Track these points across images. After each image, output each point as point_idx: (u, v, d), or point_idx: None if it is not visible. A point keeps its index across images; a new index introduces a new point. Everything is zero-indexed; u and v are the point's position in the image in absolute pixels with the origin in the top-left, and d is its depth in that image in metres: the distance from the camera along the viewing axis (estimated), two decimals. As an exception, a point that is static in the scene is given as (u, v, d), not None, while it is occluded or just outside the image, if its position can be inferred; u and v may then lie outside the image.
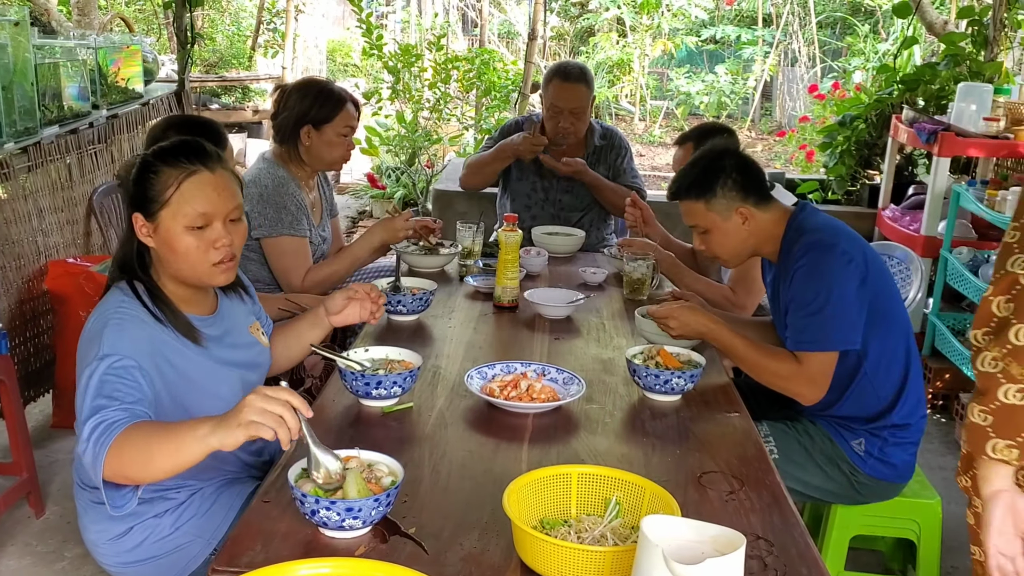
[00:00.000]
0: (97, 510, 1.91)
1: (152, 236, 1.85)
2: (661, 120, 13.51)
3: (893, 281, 2.41)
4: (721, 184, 2.34)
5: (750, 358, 2.29)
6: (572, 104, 3.68)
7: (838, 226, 2.35)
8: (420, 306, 2.69)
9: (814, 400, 2.26)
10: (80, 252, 4.07)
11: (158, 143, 1.92)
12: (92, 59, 4.37)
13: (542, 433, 2.00)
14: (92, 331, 1.77)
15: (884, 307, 2.31)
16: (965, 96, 4.53)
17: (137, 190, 1.84)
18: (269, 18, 11.81)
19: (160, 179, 1.82)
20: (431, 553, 1.51)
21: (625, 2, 13.40)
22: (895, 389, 2.34)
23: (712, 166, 2.36)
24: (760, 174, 2.40)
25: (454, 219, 3.63)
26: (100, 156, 4.31)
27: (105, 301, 1.84)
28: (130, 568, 1.92)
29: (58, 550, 2.93)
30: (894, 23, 11.12)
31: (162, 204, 1.82)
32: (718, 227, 2.37)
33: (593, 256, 3.58)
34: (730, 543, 1.25)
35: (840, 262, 2.22)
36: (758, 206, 2.36)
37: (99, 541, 1.93)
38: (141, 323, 1.80)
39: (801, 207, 2.39)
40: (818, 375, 2.23)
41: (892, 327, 2.33)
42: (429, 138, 7.64)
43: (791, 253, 2.30)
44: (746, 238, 2.38)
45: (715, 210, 2.35)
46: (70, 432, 3.63)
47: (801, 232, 2.31)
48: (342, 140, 3.07)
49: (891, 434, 2.34)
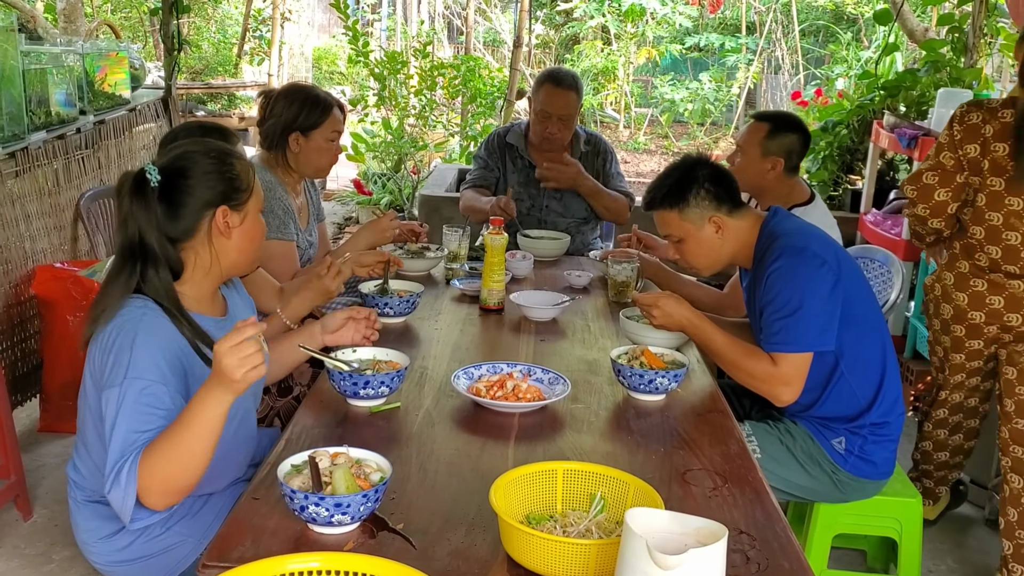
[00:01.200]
0: (90, 508, 1.93)
1: (235, 228, 1.89)
2: (646, 127, 13.57)
3: (866, 282, 2.44)
4: (694, 194, 2.36)
5: (728, 356, 2.32)
6: (561, 110, 3.71)
7: (809, 230, 2.39)
8: (407, 308, 2.71)
9: (788, 401, 2.29)
10: (67, 257, 4.07)
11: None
12: (79, 65, 4.38)
13: (528, 432, 2.03)
14: (117, 345, 1.73)
15: (858, 308, 2.34)
16: (945, 102, 4.58)
17: (227, 185, 1.87)
18: (255, 26, 11.83)
19: (243, 170, 1.90)
20: (419, 548, 1.53)
21: (610, 10, 13.46)
22: (873, 388, 2.37)
23: (684, 177, 2.39)
24: (733, 183, 2.43)
25: (440, 224, 3.66)
26: (87, 161, 4.32)
27: (126, 312, 1.77)
28: (121, 567, 1.93)
29: (46, 552, 2.93)
30: (876, 31, 11.23)
31: (251, 192, 1.92)
32: (692, 236, 2.40)
33: (578, 259, 3.61)
34: (712, 535, 1.28)
35: (812, 265, 2.26)
36: (731, 214, 2.39)
37: (91, 540, 1.94)
38: (167, 336, 1.79)
39: (773, 212, 2.42)
40: (792, 377, 2.26)
41: (867, 327, 2.37)
42: (415, 144, 7.66)
43: (764, 258, 2.33)
44: (720, 246, 2.40)
45: (688, 219, 2.38)
46: (57, 436, 3.64)
47: (773, 237, 2.34)
48: (329, 146, 3.08)
49: (871, 432, 2.38)
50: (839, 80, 10.94)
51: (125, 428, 1.66)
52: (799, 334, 2.23)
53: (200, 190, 1.86)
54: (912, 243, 4.27)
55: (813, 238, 2.34)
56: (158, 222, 1.81)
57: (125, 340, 1.73)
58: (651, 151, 12.66)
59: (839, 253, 2.36)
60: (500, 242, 2.80)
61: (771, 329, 2.27)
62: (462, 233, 3.30)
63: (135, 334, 1.73)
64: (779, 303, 2.25)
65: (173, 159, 1.88)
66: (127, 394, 1.68)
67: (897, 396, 2.42)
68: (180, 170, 1.85)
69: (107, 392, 1.70)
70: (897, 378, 2.43)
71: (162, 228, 1.82)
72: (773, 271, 2.28)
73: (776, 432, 2.45)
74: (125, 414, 1.67)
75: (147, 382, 1.69)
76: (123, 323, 1.75)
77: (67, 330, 3.59)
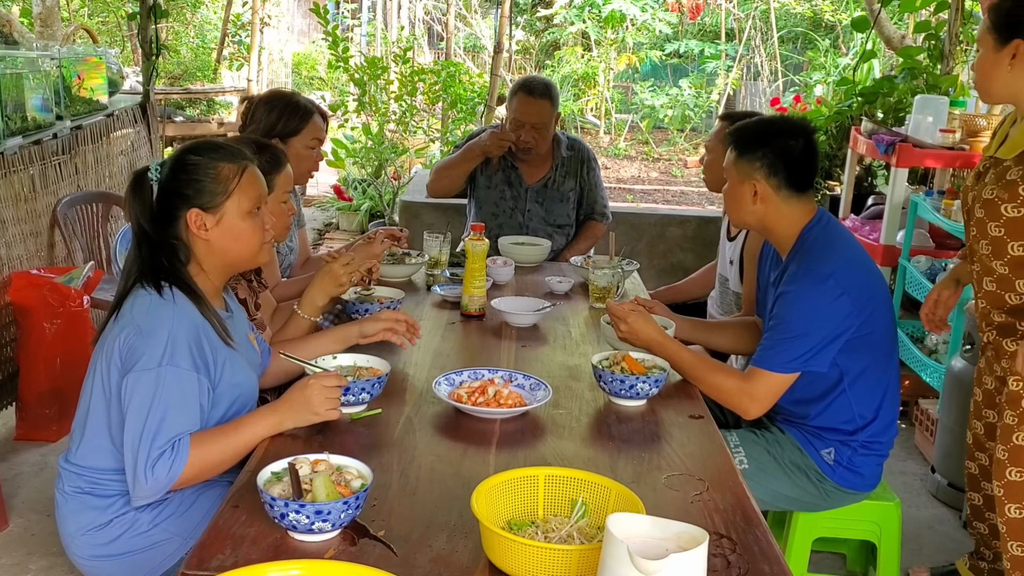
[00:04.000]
0: (79, 500, 1.94)
1: (212, 229, 1.97)
2: (626, 133, 13.61)
3: (892, 312, 2.42)
4: (753, 151, 2.33)
5: (694, 372, 2.34)
6: (534, 119, 3.73)
7: (843, 251, 2.33)
8: (388, 315, 2.70)
9: (755, 415, 2.31)
10: (44, 264, 4.03)
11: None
12: (56, 70, 4.35)
13: (509, 438, 2.02)
14: (149, 329, 1.84)
15: (876, 336, 2.33)
16: (922, 108, 4.62)
17: (195, 188, 1.96)
18: (234, 31, 11.77)
19: (222, 173, 1.97)
20: (400, 555, 1.53)
21: (590, 16, 13.49)
22: (872, 409, 2.38)
23: (764, 134, 2.35)
24: (808, 169, 2.36)
25: (421, 230, 3.65)
26: (64, 167, 4.29)
27: (154, 298, 1.89)
28: (104, 562, 1.93)
29: (22, 563, 2.90)
30: (854, 38, 11.31)
31: (228, 195, 1.97)
32: (732, 183, 2.40)
33: (559, 265, 3.62)
34: (693, 539, 1.28)
35: (830, 296, 2.23)
36: (779, 193, 2.34)
37: (76, 533, 1.95)
38: (196, 321, 1.91)
39: (818, 218, 2.37)
40: (762, 394, 2.27)
41: (880, 354, 2.37)
42: (395, 150, 7.64)
43: (791, 267, 2.32)
44: (751, 211, 2.37)
45: (737, 167, 2.37)
46: (34, 445, 3.60)
47: (808, 252, 2.31)
48: (310, 153, 3.07)
49: (861, 445, 2.39)
50: (817, 87, 11.02)
51: (169, 413, 1.79)
52: (789, 357, 2.24)
53: (176, 190, 1.97)
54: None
55: (840, 263, 2.29)
56: (150, 213, 1.95)
57: (159, 324, 1.85)
58: (631, 157, 12.69)
59: (870, 279, 2.35)
60: (481, 248, 2.79)
61: (766, 344, 2.29)
62: (443, 239, 3.30)
63: (169, 320, 1.86)
64: (785, 324, 2.26)
65: (172, 156, 2.01)
66: (167, 379, 1.81)
67: (894, 417, 2.43)
68: (169, 167, 1.98)
69: (139, 375, 1.80)
70: (897, 400, 2.44)
71: (154, 218, 1.96)
72: (790, 291, 2.28)
73: (763, 442, 2.46)
74: (165, 399, 1.79)
75: (184, 369, 1.83)
76: (152, 307, 1.88)
77: (43, 338, 3.56)
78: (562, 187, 3.90)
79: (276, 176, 2.49)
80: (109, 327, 1.92)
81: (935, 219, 4.12)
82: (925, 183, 5.19)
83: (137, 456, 1.77)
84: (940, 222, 4.06)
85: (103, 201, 4.51)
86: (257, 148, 2.44)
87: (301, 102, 3.08)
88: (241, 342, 2.08)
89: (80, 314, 3.61)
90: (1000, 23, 2.40)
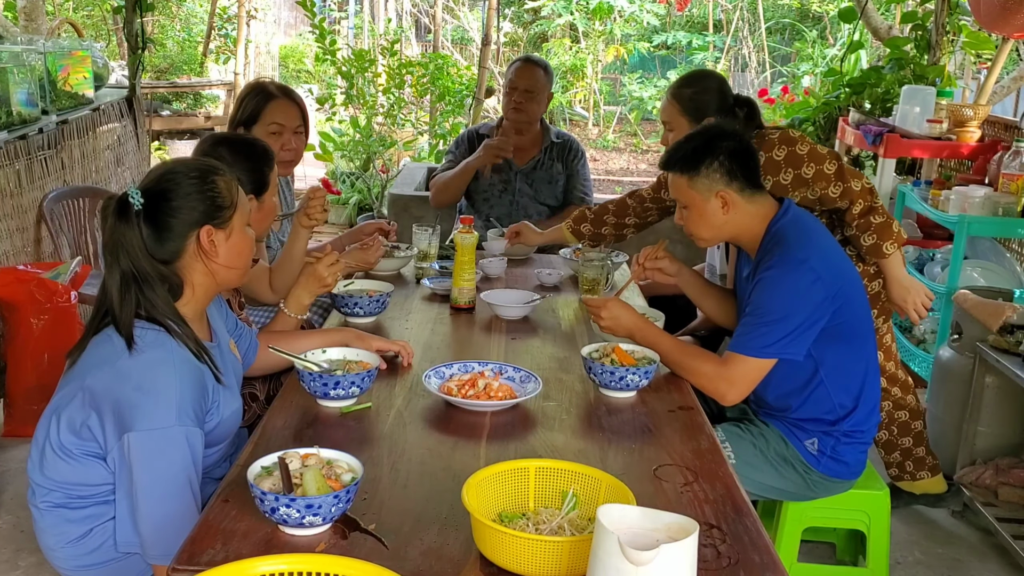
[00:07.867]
0: (55, 514, 1.89)
1: (221, 245, 1.87)
2: (615, 125, 13.60)
3: (865, 298, 2.42)
4: (707, 164, 2.29)
5: (674, 358, 2.35)
6: (526, 83, 3.90)
7: (814, 239, 2.33)
8: (377, 308, 2.70)
9: (733, 401, 2.31)
10: (30, 259, 4.02)
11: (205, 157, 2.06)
12: (41, 64, 4.32)
13: (500, 430, 2.02)
14: (151, 386, 1.73)
15: (850, 324, 2.33)
16: (909, 99, 4.64)
17: (208, 204, 1.85)
18: (221, 24, 11.70)
19: (226, 187, 1.89)
20: (391, 548, 1.53)
21: (578, 8, 13.47)
22: (852, 398, 2.38)
23: (704, 146, 2.32)
24: (755, 164, 2.36)
25: (410, 223, 3.65)
26: (50, 162, 4.26)
27: (150, 347, 1.77)
28: (88, 571, 1.90)
29: (12, 559, 2.89)
30: (841, 29, 11.31)
31: (235, 208, 1.90)
32: (696, 206, 2.34)
33: (549, 258, 3.62)
34: (683, 530, 1.28)
35: (806, 280, 2.23)
36: (743, 194, 2.32)
37: (57, 545, 1.90)
38: (194, 368, 1.81)
39: (784, 210, 2.36)
40: (739, 379, 2.27)
41: (854, 341, 2.36)
42: (384, 143, 7.63)
43: (763, 259, 2.32)
44: (723, 223, 2.34)
45: (696, 188, 2.32)
46: (22, 441, 3.59)
47: (778, 241, 2.30)
48: (274, 139, 2.91)
49: (844, 435, 2.39)
50: (805, 78, 11.05)
51: (189, 470, 1.76)
52: (766, 342, 2.24)
53: (183, 212, 1.84)
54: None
55: (814, 249, 2.29)
56: (145, 245, 1.80)
57: (164, 380, 1.74)
58: (620, 149, 12.69)
59: (843, 267, 2.34)
60: (470, 240, 2.79)
61: (743, 329, 2.28)
62: (432, 232, 3.29)
63: (174, 374, 1.75)
64: (762, 310, 2.26)
65: (155, 180, 1.86)
66: (189, 438, 1.74)
67: (874, 406, 2.43)
68: (162, 192, 1.83)
69: (153, 433, 1.71)
70: (877, 389, 2.44)
71: (150, 251, 1.81)
72: (766, 278, 2.27)
73: (748, 436, 2.46)
74: (185, 456, 1.75)
75: (189, 428, 1.74)
76: (153, 360, 1.75)
77: (31, 333, 3.54)
78: (551, 169, 4.03)
79: (271, 172, 2.43)
80: (87, 365, 1.82)
81: (923, 209, 4.14)
82: (913, 173, 5.21)
83: (156, 540, 1.74)
84: (928, 212, 4.07)
85: (90, 196, 4.49)
86: (244, 146, 2.41)
87: (266, 86, 2.98)
88: (227, 367, 1.99)
89: (68, 310, 3.59)
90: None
